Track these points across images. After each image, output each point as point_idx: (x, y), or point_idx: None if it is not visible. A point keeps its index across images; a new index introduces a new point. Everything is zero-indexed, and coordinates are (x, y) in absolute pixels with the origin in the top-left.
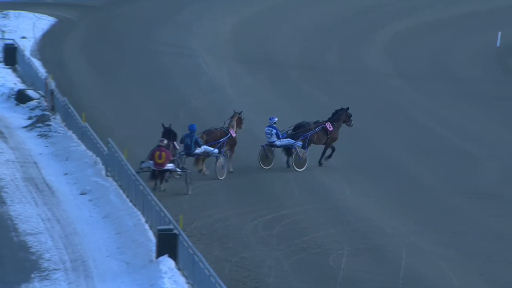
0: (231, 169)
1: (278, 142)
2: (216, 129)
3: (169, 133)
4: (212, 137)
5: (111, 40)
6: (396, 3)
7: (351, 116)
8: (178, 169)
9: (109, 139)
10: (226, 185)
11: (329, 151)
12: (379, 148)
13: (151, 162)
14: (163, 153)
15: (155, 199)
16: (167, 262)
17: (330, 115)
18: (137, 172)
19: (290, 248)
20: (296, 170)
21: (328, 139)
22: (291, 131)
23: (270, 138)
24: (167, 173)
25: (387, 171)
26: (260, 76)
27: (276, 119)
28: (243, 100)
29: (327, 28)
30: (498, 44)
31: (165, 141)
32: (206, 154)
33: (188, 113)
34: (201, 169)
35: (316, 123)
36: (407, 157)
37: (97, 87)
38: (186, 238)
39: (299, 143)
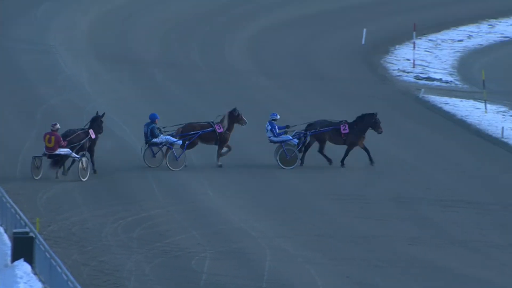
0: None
1: (273, 138)
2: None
3: (93, 121)
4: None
5: None
6: (258, 1)
7: (378, 122)
8: (74, 155)
9: None
10: (84, 187)
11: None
12: (243, 148)
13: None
14: (53, 137)
15: (10, 201)
16: (23, 267)
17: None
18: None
19: (152, 251)
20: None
21: (345, 141)
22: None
23: (266, 133)
24: (66, 160)
25: (251, 173)
26: (120, 74)
27: (276, 116)
28: (103, 99)
29: (189, 24)
30: (363, 42)
31: (57, 125)
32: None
33: (46, 112)
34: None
35: (340, 122)
36: (271, 158)
37: None
38: (43, 242)
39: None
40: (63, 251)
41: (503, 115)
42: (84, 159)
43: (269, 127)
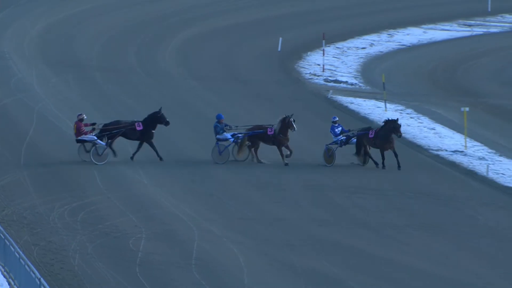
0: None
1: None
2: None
3: (148, 116)
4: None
5: None
6: (191, 11)
7: (398, 127)
8: (99, 142)
9: None
10: (35, 176)
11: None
12: (174, 142)
13: None
14: (75, 125)
15: None
16: None
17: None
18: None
19: (94, 232)
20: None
21: (374, 144)
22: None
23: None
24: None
25: (181, 162)
26: (66, 77)
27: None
28: (51, 99)
29: (128, 32)
30: (279, 49)
31: (81, 116)
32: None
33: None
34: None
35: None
36: (200, 151)
37: None
38: None
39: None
40: (15, 233)
41: (400, 113)
42: (101, 147)
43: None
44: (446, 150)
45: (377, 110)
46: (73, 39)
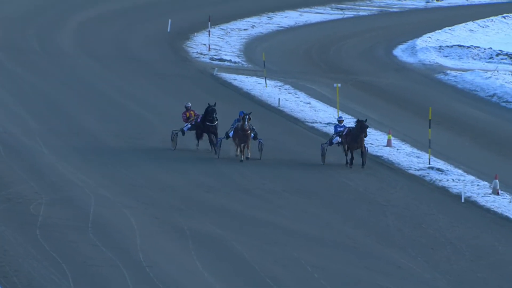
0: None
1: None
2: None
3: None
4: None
5: None
6: None
7: (365, 127)
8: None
9: None
10: None
11: None
12: (73, 115)
13: None
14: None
15: None
16: None
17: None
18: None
19: None
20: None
21: (346, 142)
22: None
23: None
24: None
25: (79, 134)
26: None
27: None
28: None
29: (29, 15)
30: (169, 30)
31: (189, 104)
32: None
33: None
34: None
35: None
36: (95, 123)
37: None
38: None
39: None
40: None
41: (279, 88)
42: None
43: None
44: (321, 123)
45: (258, 86)
46: None
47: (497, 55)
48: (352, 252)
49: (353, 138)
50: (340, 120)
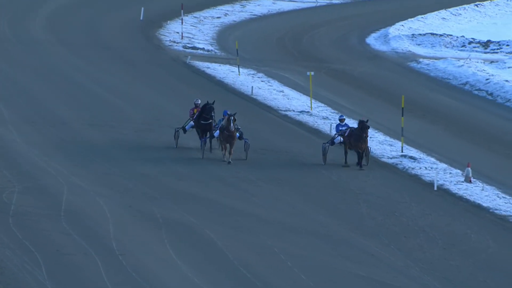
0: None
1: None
2: None
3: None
4: None
5: None
6: None
7: (365, 128)
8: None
9: None
10: None
11: None
12: (45, 104)
13: None
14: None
15: None
16: None
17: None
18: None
19: None
20: None
21: (349, 144)
22: None
23: None
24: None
25: (52, 123)
26: None
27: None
28: None
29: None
30: (141, 18)
31: (199, 101)
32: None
33: None
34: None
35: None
36: (68, 111)
37: None
38: None
39: None
40: None
41: (252, 77)
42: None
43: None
44: (294, 111)
45: (231, 74)
46: None
47: (470, 43)
48: (325, 240)
49: (356, 139)
50: (341, 119)
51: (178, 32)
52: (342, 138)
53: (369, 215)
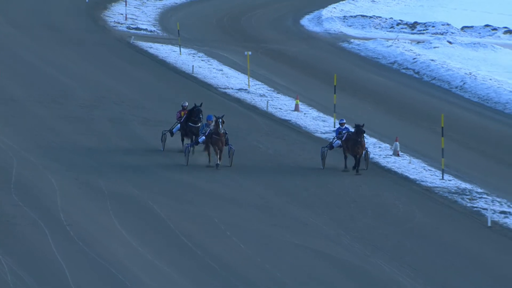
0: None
1: None
2: None
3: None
4: None
5: None
6: None
7: (360, 132)
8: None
9: None
10: None
11: None
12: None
13: None
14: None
15: None
16: None
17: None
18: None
19: None
20: None
21: (346, 148)
22: None
23: None
24: None
25: (1, 100)
26: None
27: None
28: None
29: None
30: (87, 0)
31: (186, 103)
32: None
33: None
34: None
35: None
36: (18, 89)
37: None
38: None
39: None
40: None
41: (193, 56)
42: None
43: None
44: (232, 89)
45: (173, 54)
46: None
47: (398, 24)
48: (263, 211)
49: (353, 143)
50: (341, 123)
51: (122, 14)
52: (340, 142)
53: (303, 186)
